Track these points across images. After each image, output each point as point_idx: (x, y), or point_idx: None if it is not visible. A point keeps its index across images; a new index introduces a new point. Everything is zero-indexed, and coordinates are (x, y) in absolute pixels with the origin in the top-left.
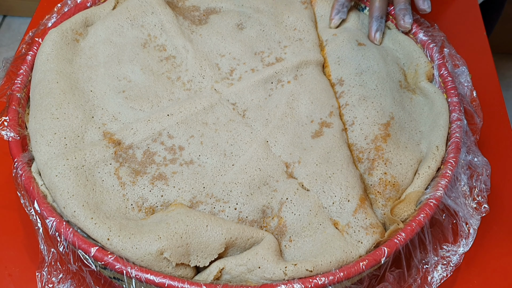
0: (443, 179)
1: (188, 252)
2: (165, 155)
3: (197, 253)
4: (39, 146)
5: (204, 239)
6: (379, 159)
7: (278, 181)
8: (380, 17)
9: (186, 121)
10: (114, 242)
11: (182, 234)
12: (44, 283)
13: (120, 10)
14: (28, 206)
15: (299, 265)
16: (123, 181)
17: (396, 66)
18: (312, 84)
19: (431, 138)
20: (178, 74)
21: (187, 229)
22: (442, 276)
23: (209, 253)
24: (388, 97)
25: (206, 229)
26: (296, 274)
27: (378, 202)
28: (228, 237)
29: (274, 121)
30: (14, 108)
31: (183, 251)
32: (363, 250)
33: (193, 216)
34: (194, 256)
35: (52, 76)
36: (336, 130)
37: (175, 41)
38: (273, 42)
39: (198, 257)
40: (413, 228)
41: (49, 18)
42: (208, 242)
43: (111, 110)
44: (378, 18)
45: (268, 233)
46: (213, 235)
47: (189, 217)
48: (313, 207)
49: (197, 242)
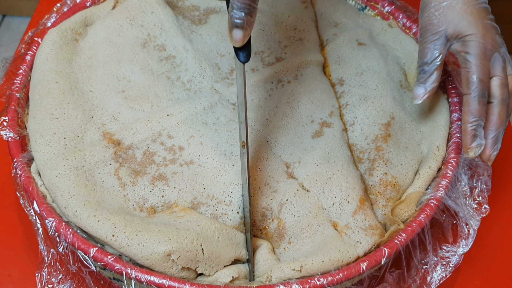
0: (443, 180)
1: (197, 259)
2: (165, 155)
3: (206, 261)
4: (38, 146)
5: (215, 249)
6: (379, 159)
7: (278, 181)
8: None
9: (186, 121)
10: (119, 239)
11: (193, 240)
12: (44, 284)
13: (119, 9)
14: (27, 206)
15: (284, 266)
16: (123, 182)
17: (397, 65)
18: (312, 84)
19: (432, 138)
20: (178, 74)
21: (198, 237)
22: (442, 276)
23: (217, 264)
24: (389, 97)
25: (217, 241)
26: (282, 275)
27: (378, 203)
28: (238, 252)
29: (274, 121)
30: (14, 108)
31: (192, 257)
32: (361, 250)
33: (204, 226)
34: (203, 263)
35: (51, 76)
36: (336, 130)
37: (175, 41)
38: (273, 42)
39: (206, 265)
40: (413, 229)
41: (49, 17)
42: (218, 253)
43: (110, 110)
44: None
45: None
46: (224, 248)
47: (200, 226)
48: (313, 208)
49: (208, 251)
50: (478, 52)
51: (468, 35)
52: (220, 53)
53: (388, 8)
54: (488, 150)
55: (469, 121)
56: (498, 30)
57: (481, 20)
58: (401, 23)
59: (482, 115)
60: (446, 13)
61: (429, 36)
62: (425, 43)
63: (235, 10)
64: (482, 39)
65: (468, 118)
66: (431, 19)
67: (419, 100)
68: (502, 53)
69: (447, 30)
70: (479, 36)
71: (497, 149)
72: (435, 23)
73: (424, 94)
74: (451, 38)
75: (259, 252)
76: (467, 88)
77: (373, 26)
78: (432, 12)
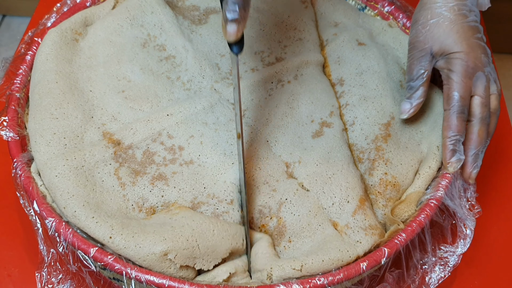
0: (443, 180)
1: (194, 255)
2: (165, 155)
3: (203, 256)
4: (38, 146)
5: (211, 243)
6: (379, 159)
7: (278, 180)
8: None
9: (186, 121)
10: (116, 241)
11: (189, 237)
12: (44, 284)
13: (119, 9)
14: (27, 206)
15: (285, 265)
16: (123, 182)
17: (397, 65)
18: (312, 84)
19: (432, 138)
20: (178, 74)
21: (193, 233)
22: (440, 276)
23: (214, 258)
24: (389, 97)
25: (212, 234)
26: (282, 274)
27: (378, 203)
28: (234, 243)
29: (274, 121)
30: (14, 108)
31: (189, 254)
32: (361, 250)
33: (199, 221)
34: (200, 259)
35: (51, 76)
36: (336, 130)
37: (175, 41)
38: (273, 42)
39: (204, 260)
40: (413, 229)
41: (49, 17)
42: (214, 247)
43: (110, 110)
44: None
45: (264, 234)
46: (220, 240)
47: (195, 221)
48: (313, 207)
49: (204, 246)
50: (461, 70)
51: (452, 53)
52: (220, 53)
53: (388, 8)
54: (468, 168)
55: (448, 136)
56: (485, 49)
57: (467, 39)
58: (401, 23)
59: (460, 130)
60: (432, 30)
61: (415, 53)
62: (411, 60)
63: (229, 5)
64: (466, 57)
65: (447, 133)
66: (418, 35)
67: (405, 115)
68: (486, 72)
69: (432, 47)
70: (462, 55)
71: (477, 167)
72: (421, 40)
73: (410, 109)
74: (436, 55)
75: (259, 244)
76: (447, 104)
77: (373, 26)
78: (420, 29)
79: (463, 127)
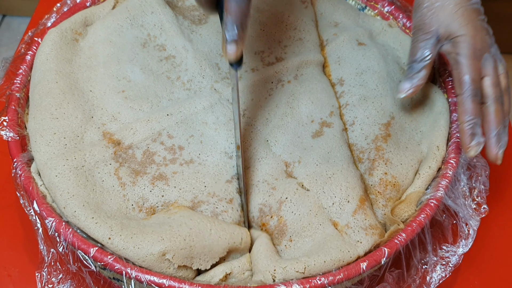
0: (443, 180)
1: (191, 255)
2: (165, 155)
3: (200, 256)
4: (38, 146)
5: (208, 242)
6: (379, 159)
7: (277, 179)
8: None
9: (186, 121)
10: (115, 242)
11: (186, 237)
12: (44, 284)
13: (119, 9)
14: (27, 206)
15: (288, 267)
16: (123, 182)
17: (397, 65)
18: (312, 84)
19: (432, 138)
20: (178, 74)
21: (191, 232)
22: (441, 276)
23: (211, 257)
24: (389, 97)
25: (209, 233)
26: (286, 276)
27: (378, 202)
28: (231, 242)
29: (274, 121)
30: (14, 108)
31: (186, 254)
32: (362, 250)
33: (197, 220)
34: (197, 259)
35: (51, 76)
36: (336, 130)
37: (175, 41)
38: (273, 42)
39: (201, 260)
40: (413, 229)
41: (49, 17)
42: (211, 246)
43: (110, 110)
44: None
45: (263, 233)
46: (217, 239)
47: (193, 220)
48: (313, 207)
49: (200, 246)
50: (469, 52)
51: (459, 36)
52: (220, 53)
53: (388, 8)
54: (493, 149)
55: (465, 120)
56: (488, 31)
57: (472, 21)
58: (401, 23)
59: (477, 113)
60: (438, 13)
61: (420, 36)
62: (416, 42)
63: (228, 26)
64: (472, 39)
65: (464, 118)
66: (423, 19)
67: (403, 93)
68: (492, 53)
69: (438, 30)
70: (469, 37)
71: (503, 146)
72: (427, 23)
73: (409, 88)
74: (442, 38)
75: (260, 240)
76: (459, 88)
77: (373, 26)
78: (425, 12)
79: (479, 110)
